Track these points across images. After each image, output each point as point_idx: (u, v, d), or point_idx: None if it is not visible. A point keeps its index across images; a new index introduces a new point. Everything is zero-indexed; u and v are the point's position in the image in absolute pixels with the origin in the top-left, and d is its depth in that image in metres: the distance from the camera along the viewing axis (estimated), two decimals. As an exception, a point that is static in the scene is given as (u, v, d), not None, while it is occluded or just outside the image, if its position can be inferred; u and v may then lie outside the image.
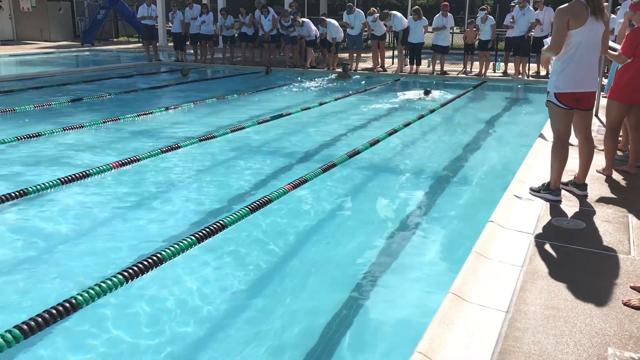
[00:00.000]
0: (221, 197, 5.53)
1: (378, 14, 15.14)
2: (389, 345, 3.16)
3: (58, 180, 4.64)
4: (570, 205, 4.58)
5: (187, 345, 3.15)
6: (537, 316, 2.89)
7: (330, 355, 3.03)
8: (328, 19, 16.12)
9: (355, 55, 16.01)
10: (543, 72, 13.97)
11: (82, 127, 7.57)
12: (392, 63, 17.16)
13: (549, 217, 4.30)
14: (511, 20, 13.78)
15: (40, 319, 2.55)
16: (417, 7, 15.17)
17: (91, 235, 4.63)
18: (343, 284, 3.79)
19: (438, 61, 14.98)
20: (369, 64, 16.65)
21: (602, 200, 4.70)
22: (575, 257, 3.63)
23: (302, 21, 15.96)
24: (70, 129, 7.18)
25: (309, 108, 9.74)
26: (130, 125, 8.48)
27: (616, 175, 5.37)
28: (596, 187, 5.02)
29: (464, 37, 15.25)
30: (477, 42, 14.57)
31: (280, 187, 4.63)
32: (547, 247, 3.77)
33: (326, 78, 14.88)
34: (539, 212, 4.40)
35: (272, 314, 3.45)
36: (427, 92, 11.88)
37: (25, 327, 2.48)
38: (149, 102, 10.63)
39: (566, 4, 4.42)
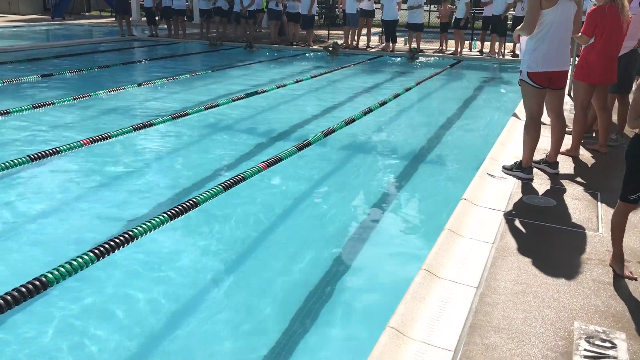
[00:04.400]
0: (194, 175, 5.48)
1: None
2: (361, 320, 3.20)
3: (27, 158, 4.55)
4: (541, 183, 4.65)
5: (160, 323, 3.14)
6: (507, 292, 2.95)
7: (305, 330, 3.06)
8: None
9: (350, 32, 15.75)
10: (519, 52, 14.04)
11: (53, 103, 7.40)
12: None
13: (520, 195, 4.37)
14: None
15: (9, 297, 2.52)
16: None
17: (62, 212, 4.56)
18: (316, 262, 3.81)
19: (414, 39, 14.94)
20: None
21: (573, 178, 4.79)
22: (545, 234, 3.70)
23: None
24: (40, 106, 7.02)
25: (284, 85, 9.67)
26: (102, 102, 8.33)
27: (587, 155, 5.45)
28: (567, 165, 5.10)
29: (439, 15, 15.23)
30: (453, 20, 14.58)
31: (254, 165, 4.61)
32: (518, 224, 3.83)
33: (313, 55, 14.75)
34: (511, 190, 4.46)
35: (241, 292, 3.46)
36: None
37: (-7, 304, 2.45)
38: (122, 78, 10.42)
39: None
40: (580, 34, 5.10)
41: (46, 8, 27.60)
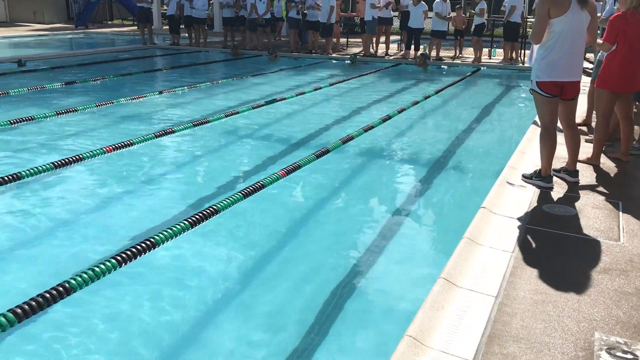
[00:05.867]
0: (214, 182, 5.53)
1: None
2: (379, 329, 3.20)
3: (51, 164, 4.65)
4: (561, 192, 4.61)
5: (177, 329, 3.17)
6: (526, 301, 2.93)
7: (322, 339, 3.06)
8: None
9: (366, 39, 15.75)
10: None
11: (76, 110, 7.55)
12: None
13: (540, 204, 4.34)
14: (504, 5, 13.86)
15: (34, 303, 2.58)
16: None
17: (84, 219, 4.64)
18: (334, 269, 3.82)
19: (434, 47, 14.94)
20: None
21: (593, 187, 4.74)
22: (565, 243, 3.67)
23: None
24: (63, 113, 7.16)
25: (303, 93, 9.73)
26: (124, 109, 8.45)
27: (608, 163, 5.40)
28: (588, 174, 5.05)
29: (453, 22, 15.23)
30: (473, 28, 14.59)
31: (274, 172, 4.65)
32: (538, 233, 3.80)
33: (332, 63, 14.82)
34: (530, 199, 4.44)
35: (262, 298, 3.48)
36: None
37: (19, 310, 2.51)
38: (143, 86, 10.57)
39: None
40: (602, 41, 5.07)
41: (70, 17, 28.10)
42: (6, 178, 4.28)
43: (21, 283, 3.56)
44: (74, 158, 4.87)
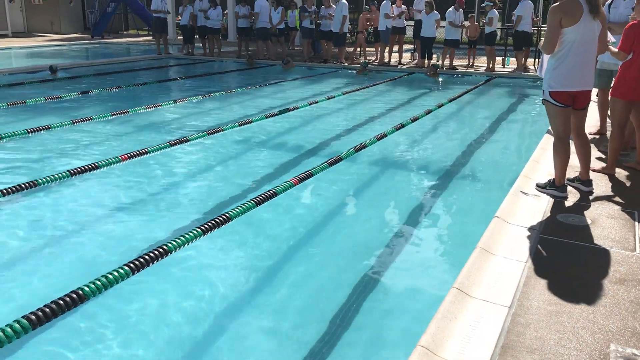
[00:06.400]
0: (227, 190, 5.56)
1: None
2: (391, 339, 3.18)
3: (67, 172, 4.71)
4: (576, 201, 4.58)
5: (190, 335, 3.18)
6: (540, 312, 2.90)
7: (332, 348, 3.06)
8: None
9: (380, 48, 15.80)
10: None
11: (92, 119, 7.63)
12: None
13: (554, 213, 4.30)
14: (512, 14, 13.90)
15: (47, 310, 2.60)
16: (429, 0, 15.01)
17: (98, 226, 4.68)
18: (347, 278, 3.81)
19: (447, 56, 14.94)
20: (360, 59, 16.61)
21: (609, 196, 4.69)
22: (579, 253, 3.63)
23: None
24: (79, 122, 7.25)
25: (317, 102, 9.76)
26: (139, 118, 8.53)
27: (623, 173, 5.34)
28: (603, 183, 5.00)
29: (466, 32, 15.24)
30: (484, 37, 14.61)
31: (286, 180, 4.66)
32: (552, 243, 3.77)
33: (345, 72, 14.87)
34: (544, 208, 4.40)
35: (271, 307, 3.48)
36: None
37: (33, 317, 2.53)
38: (158, 95, 10.67)
39: (559, 2, 4.40)
40: (617, 50, 5.03)
41: (86, 27, 28.51)
42: (23, 185, 4.35)
43: (35, 289, 3.59)
44: (90, 166, 4.93)
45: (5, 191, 4.20)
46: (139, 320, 3.30)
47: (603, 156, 5.80)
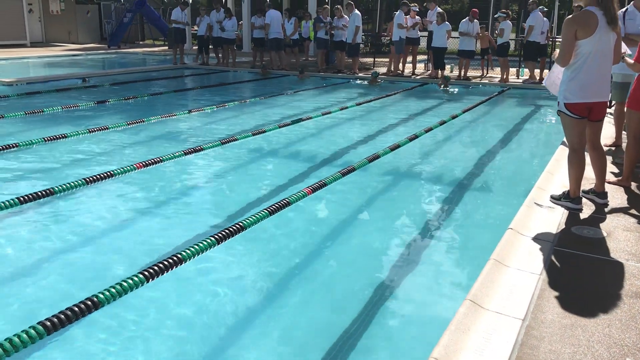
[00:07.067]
0: (241, 199, 5.58)
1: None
2: (403, 350, 3.17)
3: (83, 180, 4.76)
4: (591, 213, 4.54)
5: (201, 345, 3.19)
6: (555, 325, 2.88)
7: (345, 358, 3.05)
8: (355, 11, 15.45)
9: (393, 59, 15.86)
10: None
11: (107, 128, 7.71)
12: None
13: (568, 226, 4.27)
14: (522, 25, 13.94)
15: (62, 316, 2.63)
16: (441, 11, 15.06)
17: (113, 234, 4.72)
18: (360, 289, 3.80)
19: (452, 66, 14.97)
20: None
21: (624, 209, 4.65)
22: (594, 266, 3.60)
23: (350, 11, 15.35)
24: (95, 131, 7.34)
25: (330, 112, 9.79)
26: (154, 127, 8.61)
27: (637, 185, 5.29)
28: (619, 196, 4.96)
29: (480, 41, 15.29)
30: (497, 48, 14.64)
31: (299, 190, 4.67)
32: (567, 255, 3.74)
33: (358, 83, 14.93)
34: (559, 220, 4.37)
35: (285, 316, 3.49)
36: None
37: (48, 323, 2.56)
38: (173, 105, 10.77)
39: (574, 14, 4.40)
40: (632, 61, 5.00)
41: (103, 37, 28.89)
42: (40, 193, 4.40)
43: (51, 295, 3.63)
44: (105, 174, 4.98)
45: (22, 199, 4.26)
46: (147, 328, 3.31)
47: (617, 170, 5.75)
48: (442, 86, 13.92)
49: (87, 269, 4.05)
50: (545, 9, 14.46)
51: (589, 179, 5.01)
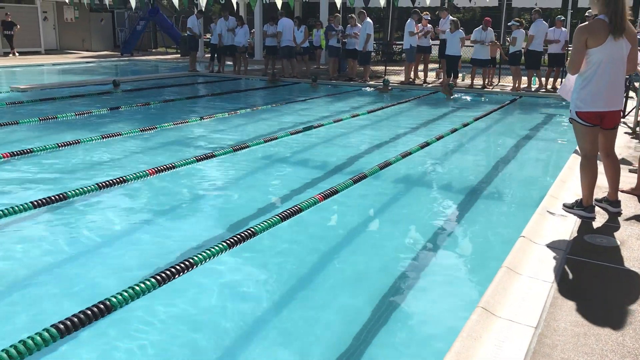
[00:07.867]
0: (253, 205, 5.60)
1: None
2: (416, 357, 3.16)
3: (96, 185, 4.80)
4: (603, 222, 4.51)
5: (214, 350, 3.20)
6: (567, 333, 2.86)
7: (357, 365, 3.05)
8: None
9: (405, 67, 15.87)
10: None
11: (120, 135, 7.78)
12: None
13: (581, 234, 4.24)
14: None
15: (76, 319, 2.65)
16: (454, 18, 15.04)
17: (126, 238, 4.75)
18: (370, 296, 3.79)
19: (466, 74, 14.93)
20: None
21: (637, 217, 4.61)
22: (607, 274, 3.57)
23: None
24: (108, 137, 7.40)
25: (341, 120, 9.81)
26: (167, 134, 8.67)
27: (653, 193, 5.25)
28: (632, 204, 4.92)
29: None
30: (508, 56, 14.62)
31: (311, 196, 4.68)
32: (579, 263, 3.72)
33: (370, 91, 14.98)
34: (571, 229, 4.35)
35: (295, 323, 3.49)
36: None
37: (61, 326, 2.58)
38: (186, 112, 10.84)
39: (585, 23, 4.39)
40: None
41: (116, 45, 29.18)
42: (53, 198, 4.45)
43: (63, 299, 3.65)
44: (118, 180, 5.02)
45: (36, 203, 4.30)
46: (155, 331, 3.33)
47: (632, 177, 5.70)
48: (445, 92, 13.89)
49: (99, 273, 4.07)
50: (563, 18, 14.40)
51: (602, 187, 4.98)
